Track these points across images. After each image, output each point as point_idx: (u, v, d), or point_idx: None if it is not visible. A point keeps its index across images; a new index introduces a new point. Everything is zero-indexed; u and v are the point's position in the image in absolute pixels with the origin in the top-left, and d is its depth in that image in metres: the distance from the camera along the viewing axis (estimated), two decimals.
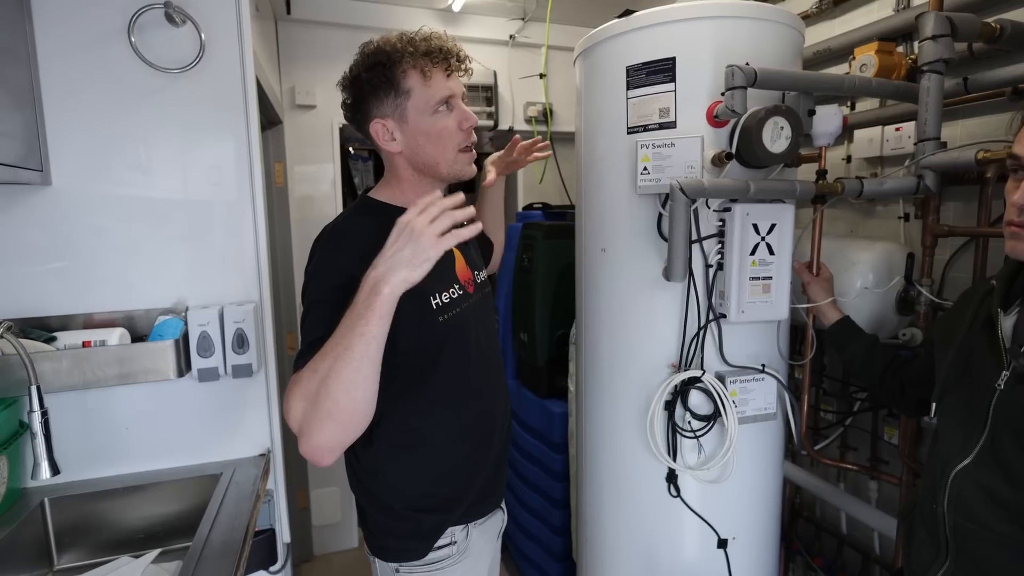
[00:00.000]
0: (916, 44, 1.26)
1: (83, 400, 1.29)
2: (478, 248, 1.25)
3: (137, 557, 1.23)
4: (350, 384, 0.76)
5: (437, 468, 1.04)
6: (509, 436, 1.20)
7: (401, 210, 1.03)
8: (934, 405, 0.92)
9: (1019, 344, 0.81)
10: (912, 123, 1.38)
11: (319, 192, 2.49)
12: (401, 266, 0.76)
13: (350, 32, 2.44)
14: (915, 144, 1.27)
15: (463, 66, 1.00)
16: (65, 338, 1.22)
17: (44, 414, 0.98)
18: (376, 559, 1.08)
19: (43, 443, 0.98)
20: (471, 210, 0.82)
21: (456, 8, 2.44)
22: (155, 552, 1.24)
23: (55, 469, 0.99)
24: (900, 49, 1.49)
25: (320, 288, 0.92)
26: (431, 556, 1.04)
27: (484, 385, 1.09)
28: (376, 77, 0.95)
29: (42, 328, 1.24)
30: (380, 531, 1.06)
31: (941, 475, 0.88)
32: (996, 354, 0.84)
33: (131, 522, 1.28)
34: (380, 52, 0.95)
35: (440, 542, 1.04)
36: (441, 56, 0.95)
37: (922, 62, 1.22)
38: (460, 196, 0.82)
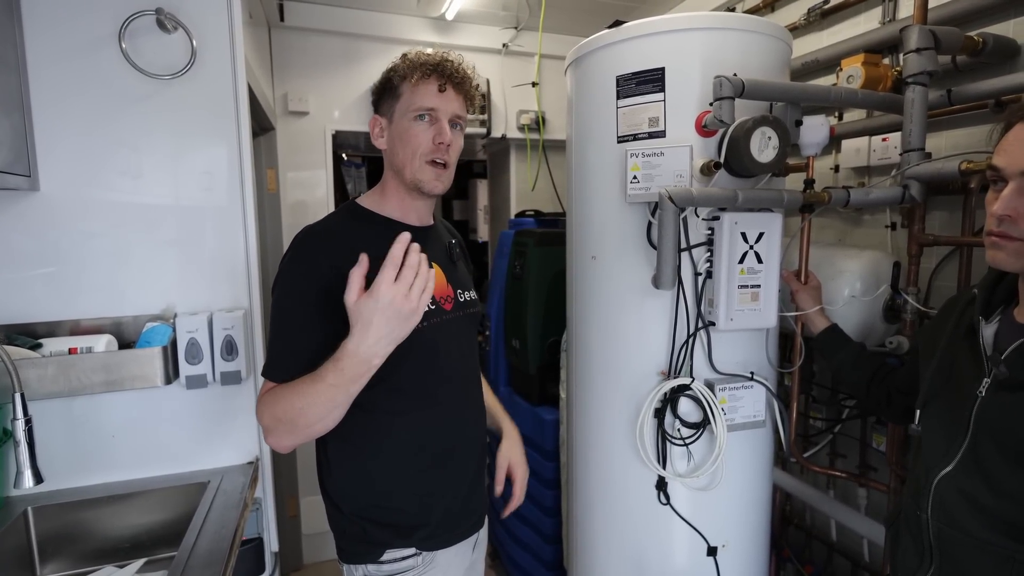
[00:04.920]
0: (901, 56, 1.28)
1: (69, 407, 1.27)
2: (470, 267, 1.24)
3: (122, 567, 1.21)
4: (325, 419, 0.88)
5: (386, 480, 1.02)
6: (483, 464, 1.16)
7: (385, 220, 1.05)
8: (918, 412, 0.93)
9: (1000, 352, 0.82)
10: (898, 134, 1.40)
11: (312, 198, 2.49)
12: (386, 341, 0.83)
13: (343, 40, 2.45)
14: (900, 155, 1.28)
15: (459, 88, 1.02)
16: (51, 345, 1.21)
17: (28, 422, 0.96)
18: (340, 562, 1.07)
19: (26, 451, 0.96)
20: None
21: (449, 16, 2.46)
22: (140, 562, 1.23)
23: (38, 478, 0.98)
24: (886, 61, 1.52)
25: (296, 292, 0.95)
26: (395, 566, 1.02)
27: (450, 405, 1.06)
28: (386, 80, 1.03)
29: (28, 335, 1.23)
30: (336, 531, 1.07)
31: (924, 482, 0.89)
32: (978, 362, 0.85)
33: (116, 531, 1.26)
34: (397, 60, 1.02)
35: (404, 552, 1.02)
36: (432, 69, 0.99)
37: (907, 74, 1.24)
38: (414, 246, 0.84)
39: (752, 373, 1.27)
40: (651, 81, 1.21)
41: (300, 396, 0.86)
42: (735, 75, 1.09)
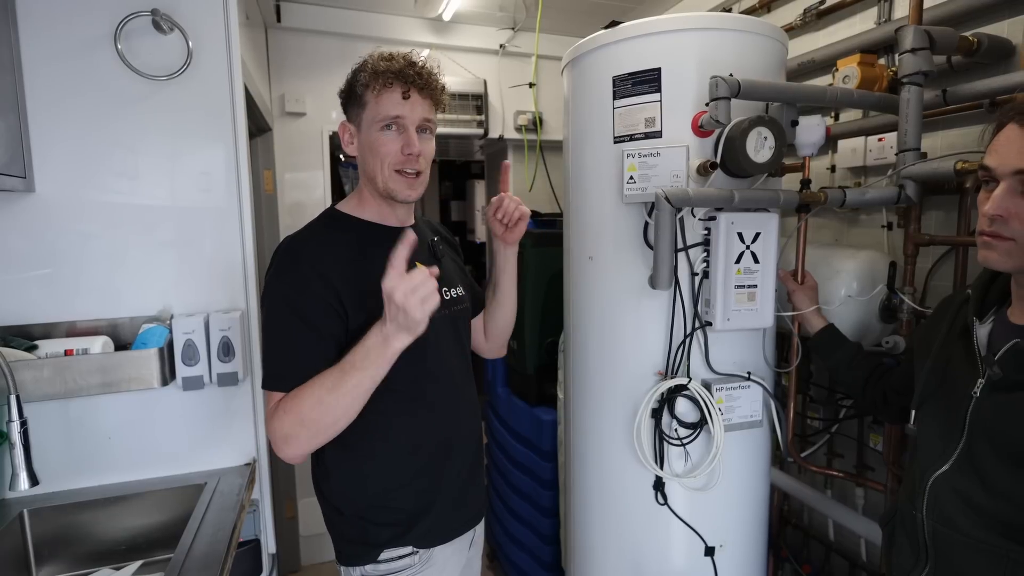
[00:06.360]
0: (897, 57, 1.28)
1: (65, 409, 1.27)
2: (462, 267, 1.24)
3: (118, 569, 1.21)
4: (348, 411, 0.90)
5: (385, 479, 1.03)
6: (479, 459, 1.17)
7: (364, 223, 1.06)
8: (913, 413, 0.93)
9: (994, 353, 0.82)
10: (894, 134, 1.40)
11: (309, 199, 2.49)
12: (402, 330, 0.84)
13: (340, 40, 2.45)
14: (896, 154, 1.29)
15: (424, 92, 0.99)
16: (47, 346, 1.21)
17: (23, 424, 0.96)
18: (339, 564, 1.08)
19: (22, 453, 0.96)
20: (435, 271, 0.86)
21: (446, 17, 2.46)
22: (136, 564, 1.22)
23: (34, 480, 0.98)
24: (882, 61, 1.52)
25: (287, 301, 0.95)
26: (393, 565, 1.03)
27: (443, 402, 1.08)
28: (349, 86, 1.02)
29: (24, 336, 1.23)
30: (335, 535, 1.07)
31: (920, 482, 0.89)
32: (972, 362, 0.85)
33: (112, 534, 1.26)
34: (360, 65, 1.01)
35: (401, 551, 1.03)
36: (394, 77, 0.96)
37: (902, 74, 1.25)
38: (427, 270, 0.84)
39: (749, 373, 1.27)
40: (647, 81, 1.21)
41: (327, 390, 0.87)
42: (731, 75, 1.09)
